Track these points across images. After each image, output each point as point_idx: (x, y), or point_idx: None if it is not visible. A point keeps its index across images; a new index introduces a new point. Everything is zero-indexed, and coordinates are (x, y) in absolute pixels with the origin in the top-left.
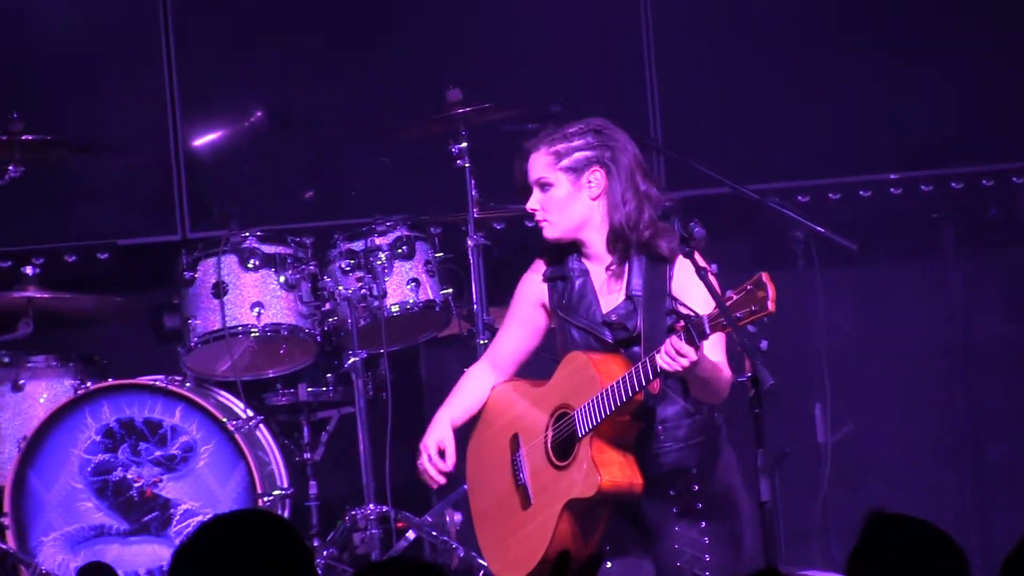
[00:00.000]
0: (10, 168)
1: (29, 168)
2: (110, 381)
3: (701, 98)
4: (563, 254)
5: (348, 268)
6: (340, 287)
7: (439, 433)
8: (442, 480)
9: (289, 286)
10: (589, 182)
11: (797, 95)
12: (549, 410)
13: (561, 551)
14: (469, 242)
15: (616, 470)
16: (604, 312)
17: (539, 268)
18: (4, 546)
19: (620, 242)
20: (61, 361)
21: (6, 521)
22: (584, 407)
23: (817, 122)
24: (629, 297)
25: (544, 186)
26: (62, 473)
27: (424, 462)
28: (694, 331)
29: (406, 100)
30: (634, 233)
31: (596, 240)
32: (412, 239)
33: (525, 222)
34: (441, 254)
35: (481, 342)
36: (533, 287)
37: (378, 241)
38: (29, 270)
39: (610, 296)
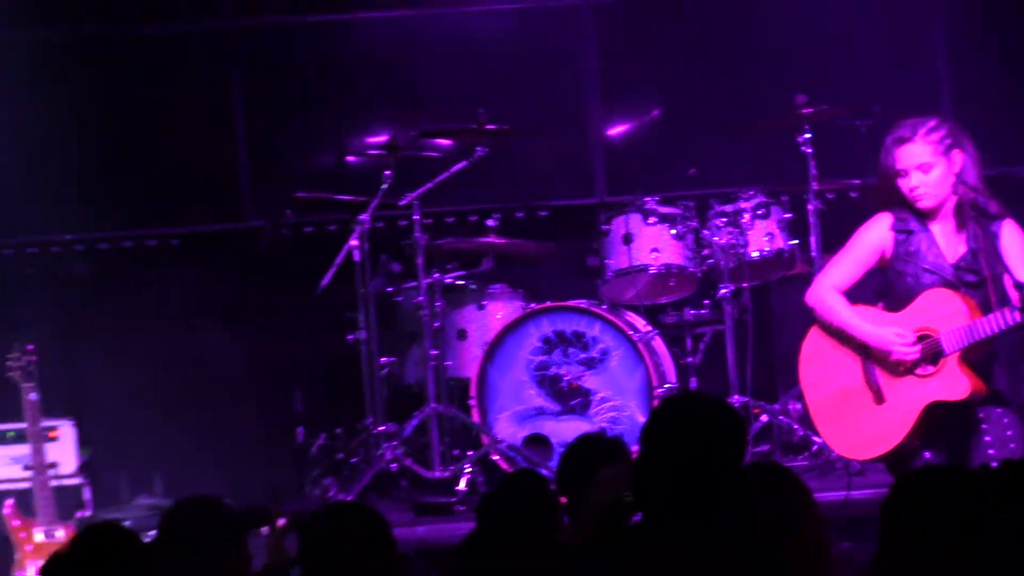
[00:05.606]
0: (477, 149)
1: (490, 149)
2: (548, 304)
3: (989, 97)
4: (905, 213)
5: (721, 224)
6: (715, 238)
7: (891, 328)
8: (916, 355)
9: (679, 237)
10: (954, 162)
11: None
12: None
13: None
14: (809, 207)
15: (976, 380)
16: (950, 260)
17: (885, 220)
18: (470, 421)
19: (965, 207)
20: (512, 288)
21: (472, 403)
22: (954, 331)
23: None
24: (970, 250)
25: (926, 168)
26: (512, 369)
27: (901, 350)
28: None
29: (759, 98)
30: (978, 199)
31: (947, 205)
32: (768, 204)
33: (850, 193)
34: (789, 215)
35: None
36: (879, 234)
37: (743, 205)
38: (490, 222)
39: (951, 248)
